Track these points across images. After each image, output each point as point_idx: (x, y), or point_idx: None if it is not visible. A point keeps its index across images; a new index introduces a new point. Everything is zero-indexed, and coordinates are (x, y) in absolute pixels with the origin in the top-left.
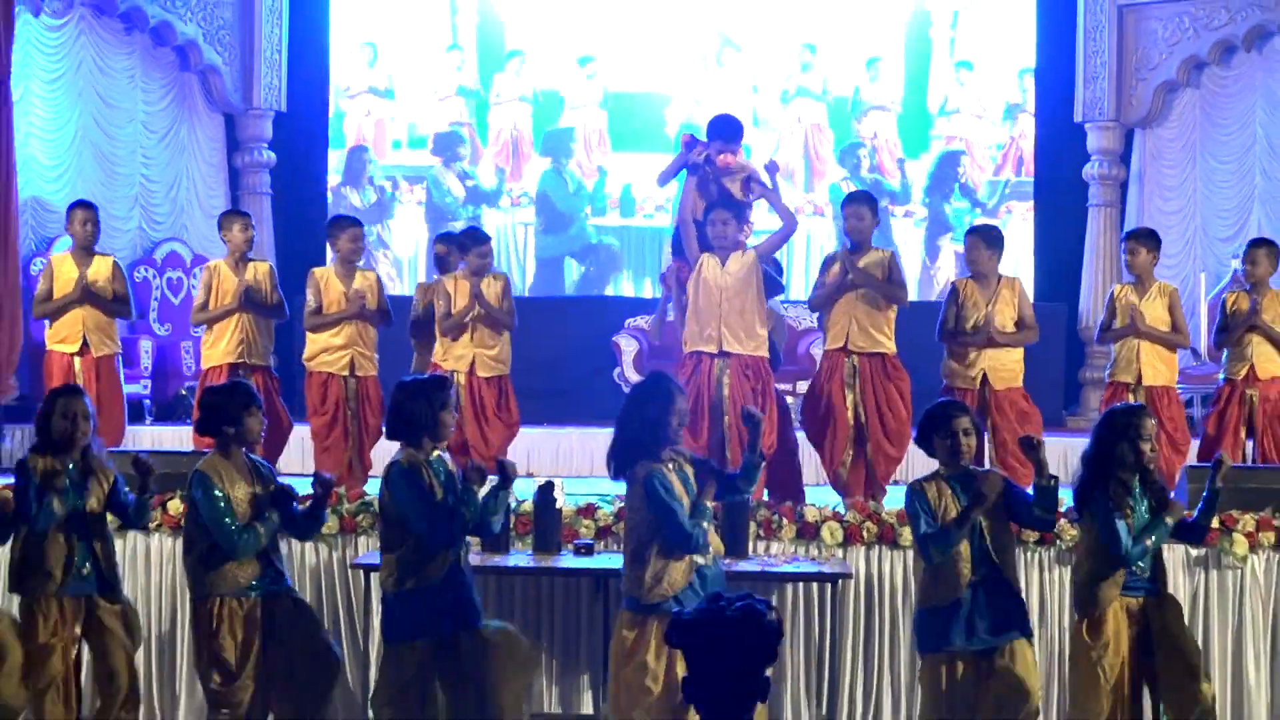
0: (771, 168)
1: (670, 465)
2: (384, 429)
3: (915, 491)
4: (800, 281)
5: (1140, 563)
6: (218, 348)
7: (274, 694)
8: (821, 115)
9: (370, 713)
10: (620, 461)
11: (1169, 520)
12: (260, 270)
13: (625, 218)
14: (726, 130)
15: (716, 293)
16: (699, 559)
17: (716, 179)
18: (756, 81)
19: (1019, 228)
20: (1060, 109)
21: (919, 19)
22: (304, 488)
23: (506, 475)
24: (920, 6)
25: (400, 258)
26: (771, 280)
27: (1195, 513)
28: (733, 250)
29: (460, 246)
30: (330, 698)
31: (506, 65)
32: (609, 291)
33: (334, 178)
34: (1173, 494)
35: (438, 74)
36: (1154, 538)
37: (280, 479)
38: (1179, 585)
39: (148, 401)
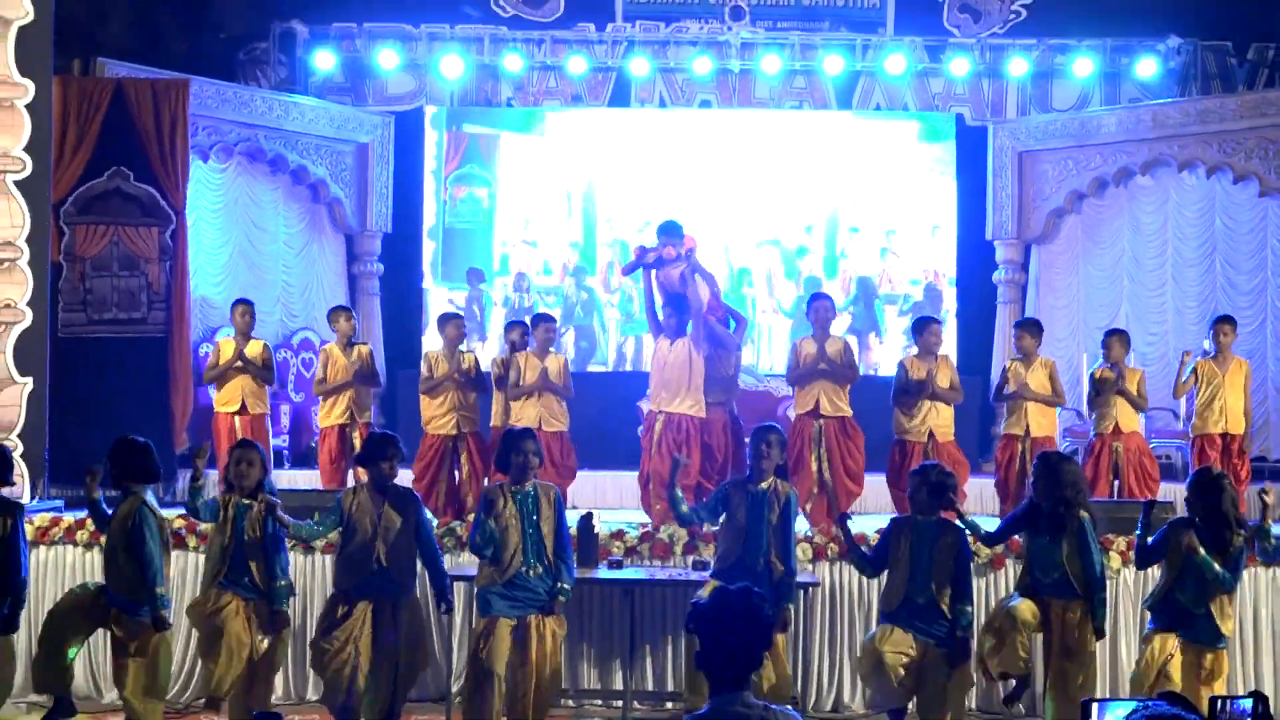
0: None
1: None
2: (495, 464)
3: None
4: (767, 359)
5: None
6: (332, 412)
7: (374, 674)
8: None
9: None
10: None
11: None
12: (363, 351)
13: None
14: (668, 231)
15: (665, 367)
16: None
17: (659, 265)
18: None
19: (947, 320)
20: (975, 230)
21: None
22: None
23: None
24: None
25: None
26: (722, 337)
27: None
28: (677, 336)
29: (531, 326)
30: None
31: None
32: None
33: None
34: None
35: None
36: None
37: None
38: None
39: (286, 451)
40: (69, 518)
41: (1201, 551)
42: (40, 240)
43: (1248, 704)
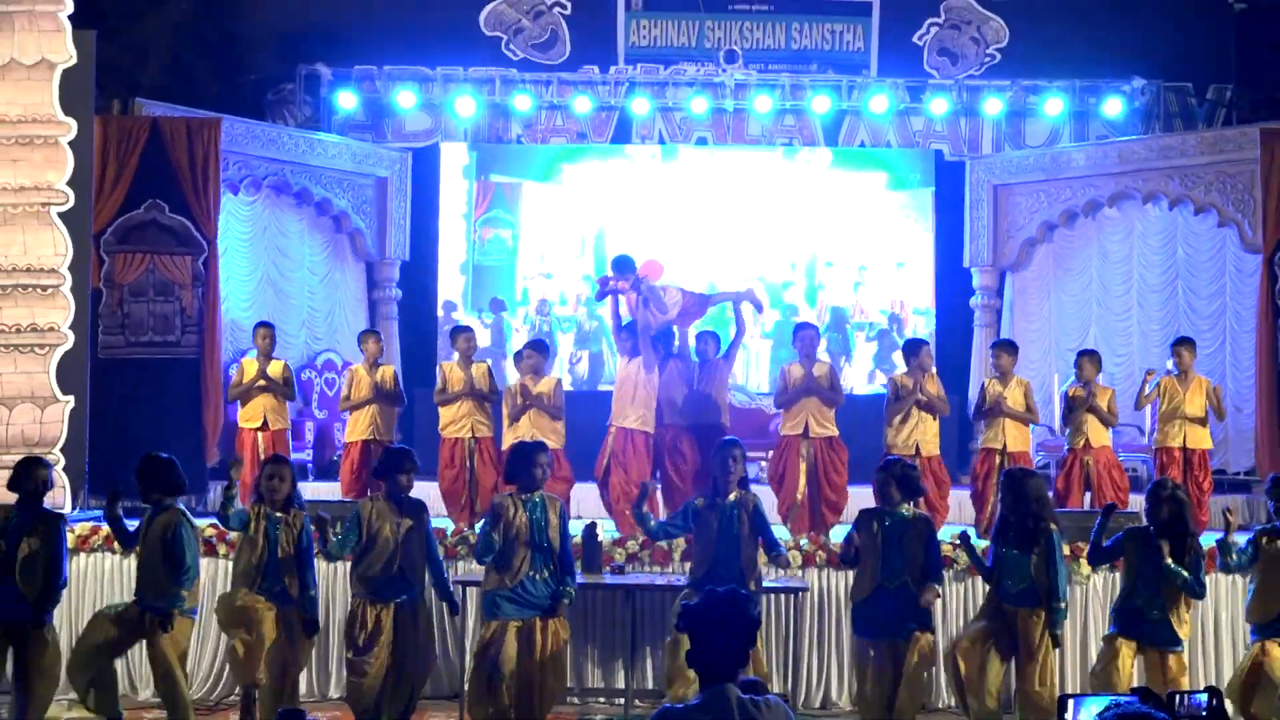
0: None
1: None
2: (505, 477)
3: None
4: (755, 378)
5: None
6: (356, 428)
7: (396, 672)
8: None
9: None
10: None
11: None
12: (386, 372)
13: None
14: (618, 265)
15: (619, 384)
16: None
17: (614, 294)
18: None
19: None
20: (953, 258)
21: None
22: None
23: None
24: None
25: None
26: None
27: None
28: (631, 357)
29: (519, 352)
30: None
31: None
32: None
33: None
34: None
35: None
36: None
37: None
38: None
39: (310, 465)
40: (107, 527)
41: (1170, 562)
42: (82, 268)
43: (1203, 698)
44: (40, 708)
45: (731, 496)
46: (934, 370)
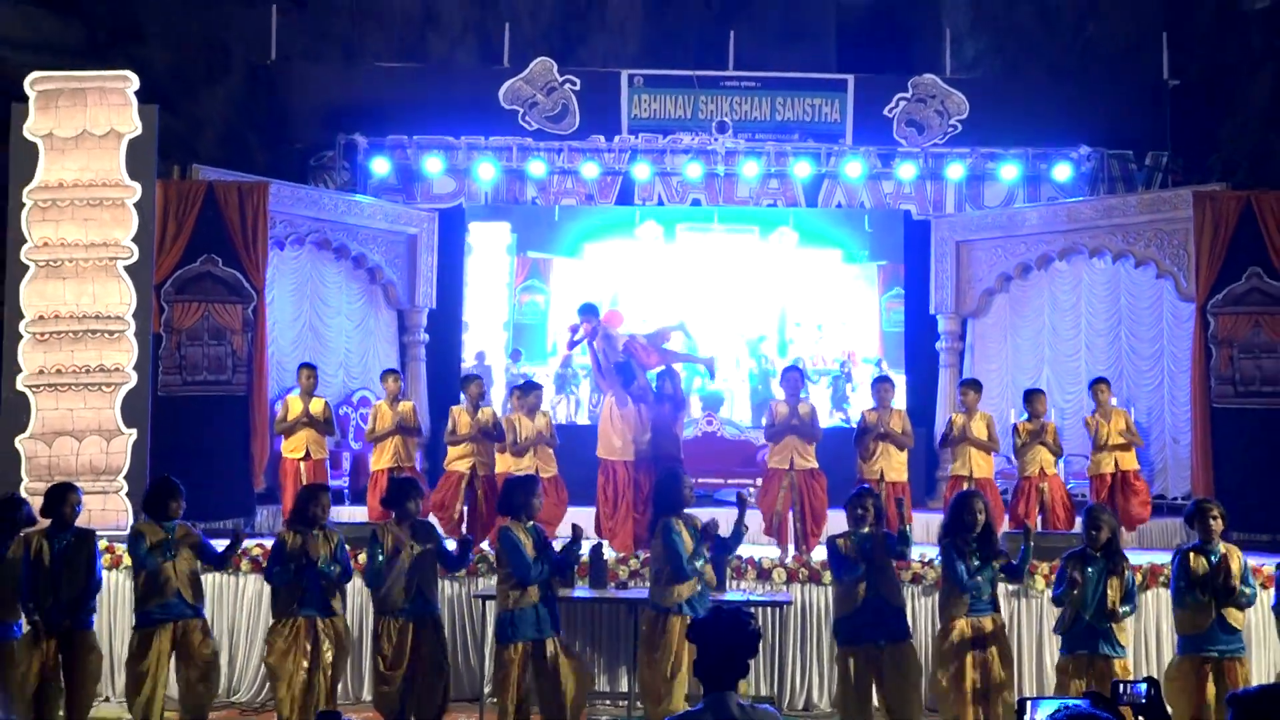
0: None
1: (682, 523)
2: (497, 509)
3: (831, 544)
4: (741, 415)
5: (980, 591)
6: (381, 458)
7: (415, 684)
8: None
9: (487, 689)
10: (653, 518)
11: (995, 565)
12: (406, 407)
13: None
14: (582, 311)
15: (601, 420)
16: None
17: (583, 338)
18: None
19: (897, 380)
20: (920, 306)
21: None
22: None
23: (578, 535)
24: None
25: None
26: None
27: (1016, 560)
28: (605, 394)
29: (524, 392)
30: (447, 695)
31: None
32: None
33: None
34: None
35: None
36: (984, 576)
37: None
38: (1004, 607)
39: (346, 491)
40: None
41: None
42: (144, 315)
43: (1144, 688)
44: (85, 707)
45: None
46: (899, 406)
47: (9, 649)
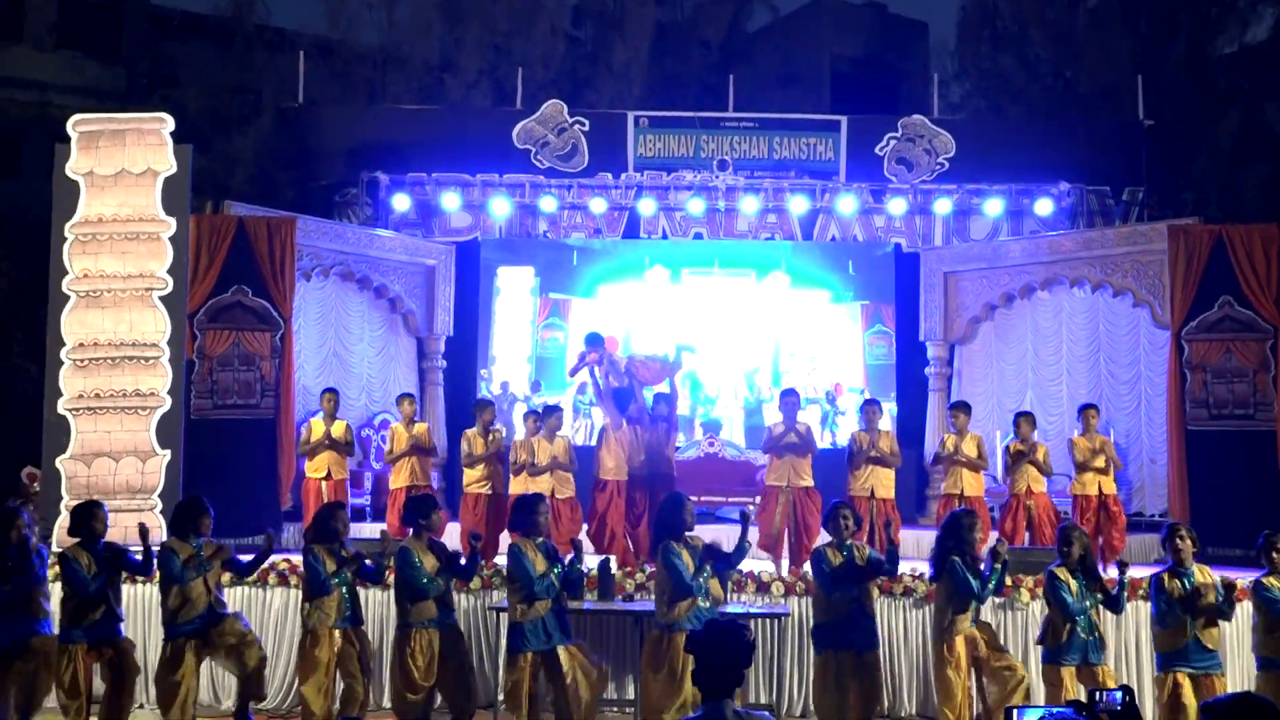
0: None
1: (682, 545)
2: (508, 525)
3: (819, 553)
4: (739, 438)
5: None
6: (399, 477)
7: (442, 690)
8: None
9: (500, 696)
10: (654, 541)
11: (1097, 595)
12: (421, 429)
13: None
14: (588, 341)
15: (598, 441)
16: (700, 602)
17: (588, 365)
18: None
19: (888, 405)
20: (910, 334)
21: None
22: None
23: (579, 551)
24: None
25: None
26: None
27: (994, 582)
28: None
29: (543, 415)
30: (473, 699)
31: None
32: None
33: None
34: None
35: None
36: (991, 586)
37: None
38: (991, 617)
39: (368, 508)
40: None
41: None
42: (178, 342)
43: (1119, 695)
44: (127, 711)
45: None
46: (886, 428)
47: (39, 645)
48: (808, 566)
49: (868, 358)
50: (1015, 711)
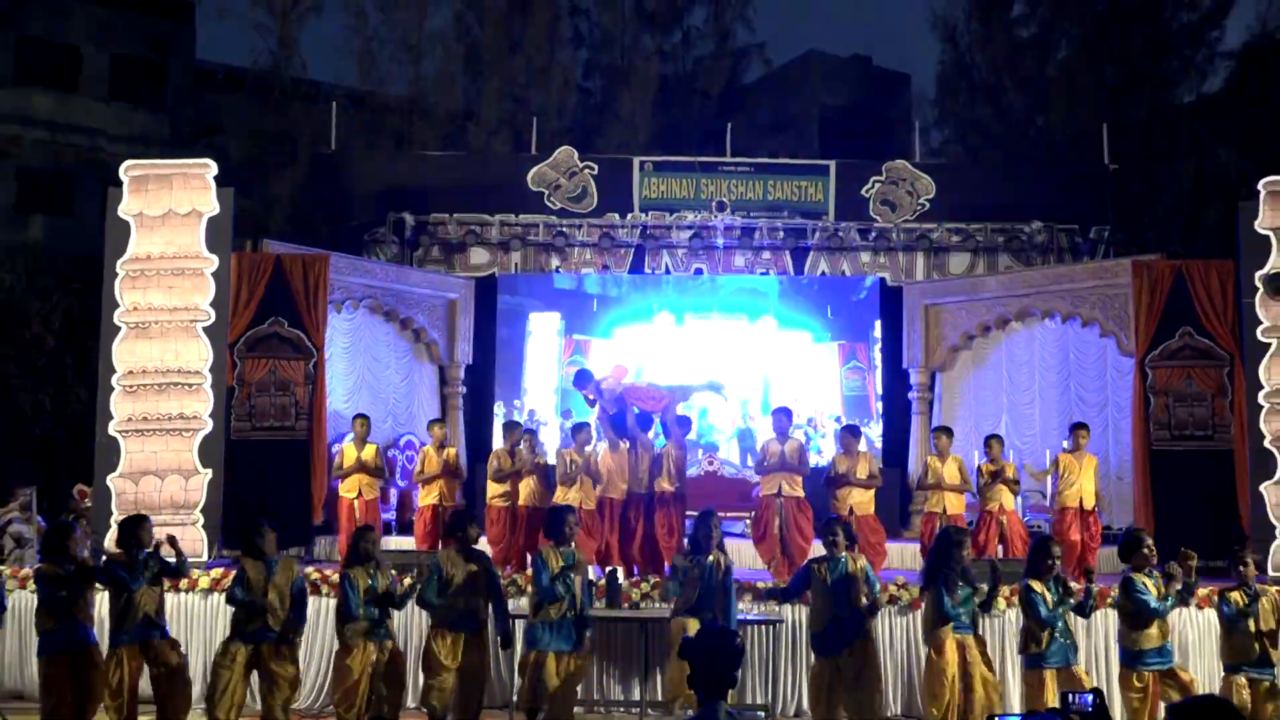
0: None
1: (690, 561)
2: (542, 532)
3: (807, 568)
4: (735, 457)
5: (963, 614)
6: (427, 495)
7: (462, 686)
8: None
9: (514, 696)
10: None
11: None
12: (450, 453)
13: None
14: (576, 378)
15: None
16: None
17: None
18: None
19: (874, 427)
20: (894, 361)
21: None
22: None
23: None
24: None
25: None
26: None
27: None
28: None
29: (574, 433)
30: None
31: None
32: None
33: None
34: None
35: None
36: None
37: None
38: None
39: (393, 523)
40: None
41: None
42: (219, 369)
43: (1090, 697)
44: (185, 709)
45: (710, 558)
46: (864, 450)
47: (93, 650)
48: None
49: (844, 389)
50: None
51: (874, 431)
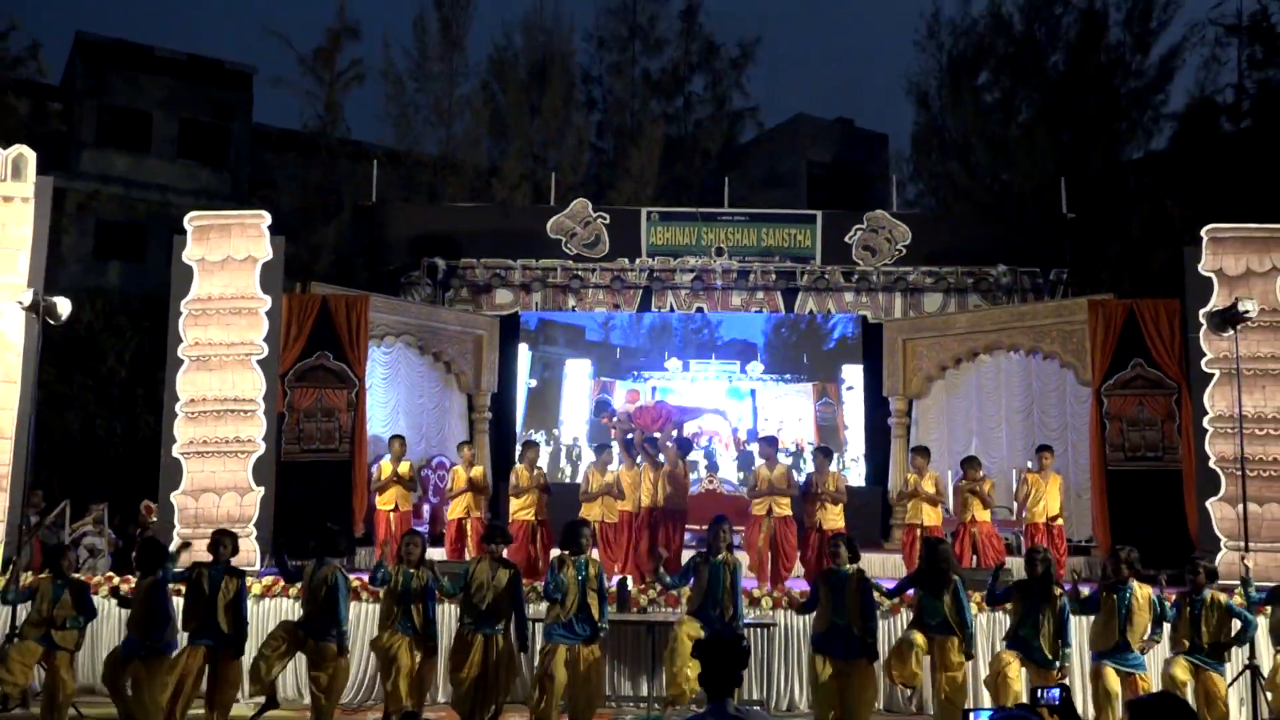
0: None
1: (701, 559)
2: (559, 544)
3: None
4: (733, 477)
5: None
6: (456, 510)
7: (485, 683)
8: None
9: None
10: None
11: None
12: (478, 471)
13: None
14: (599, 408)
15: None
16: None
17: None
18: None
19: (858, 450)
20: (875, 390)
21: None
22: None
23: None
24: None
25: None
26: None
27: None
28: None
29: (598, 452)
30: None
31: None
32: None
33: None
34: None
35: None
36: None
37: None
38: None
39: (425, 535)
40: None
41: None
42: (271, 398)
43: (1057, 691)
44: (225, 711)
45: (720, 556)
46: (834, 469)
47: (166, 662)
48: (788, 584)
49: (819, 420)
50: (972, 713)
51: (849, 454)
